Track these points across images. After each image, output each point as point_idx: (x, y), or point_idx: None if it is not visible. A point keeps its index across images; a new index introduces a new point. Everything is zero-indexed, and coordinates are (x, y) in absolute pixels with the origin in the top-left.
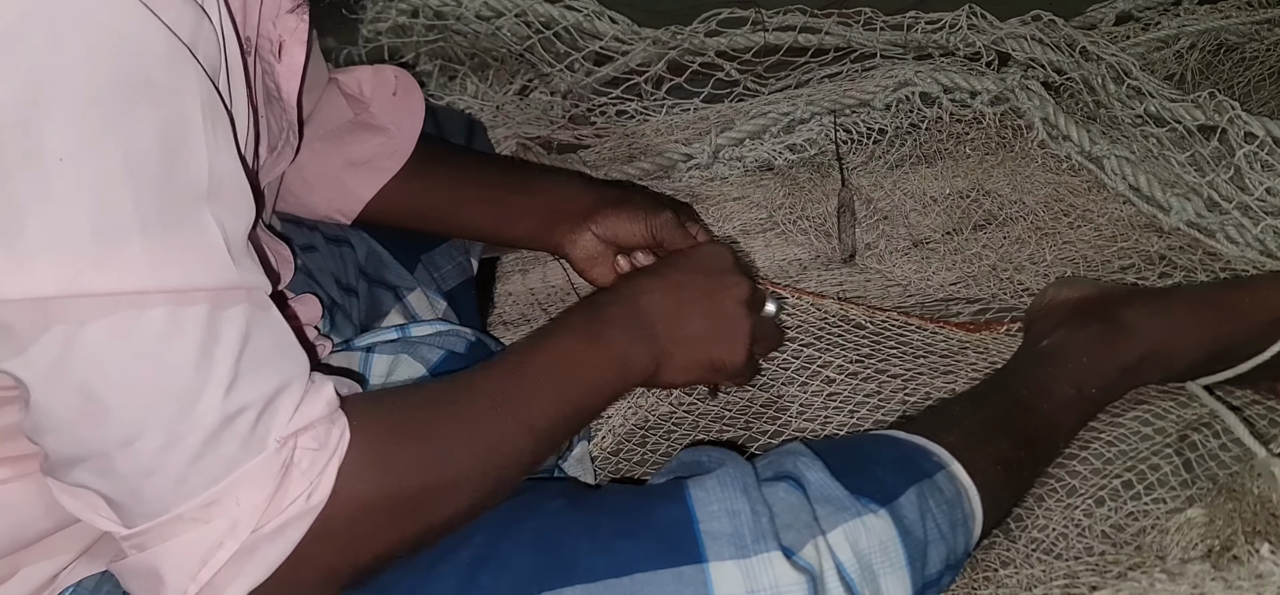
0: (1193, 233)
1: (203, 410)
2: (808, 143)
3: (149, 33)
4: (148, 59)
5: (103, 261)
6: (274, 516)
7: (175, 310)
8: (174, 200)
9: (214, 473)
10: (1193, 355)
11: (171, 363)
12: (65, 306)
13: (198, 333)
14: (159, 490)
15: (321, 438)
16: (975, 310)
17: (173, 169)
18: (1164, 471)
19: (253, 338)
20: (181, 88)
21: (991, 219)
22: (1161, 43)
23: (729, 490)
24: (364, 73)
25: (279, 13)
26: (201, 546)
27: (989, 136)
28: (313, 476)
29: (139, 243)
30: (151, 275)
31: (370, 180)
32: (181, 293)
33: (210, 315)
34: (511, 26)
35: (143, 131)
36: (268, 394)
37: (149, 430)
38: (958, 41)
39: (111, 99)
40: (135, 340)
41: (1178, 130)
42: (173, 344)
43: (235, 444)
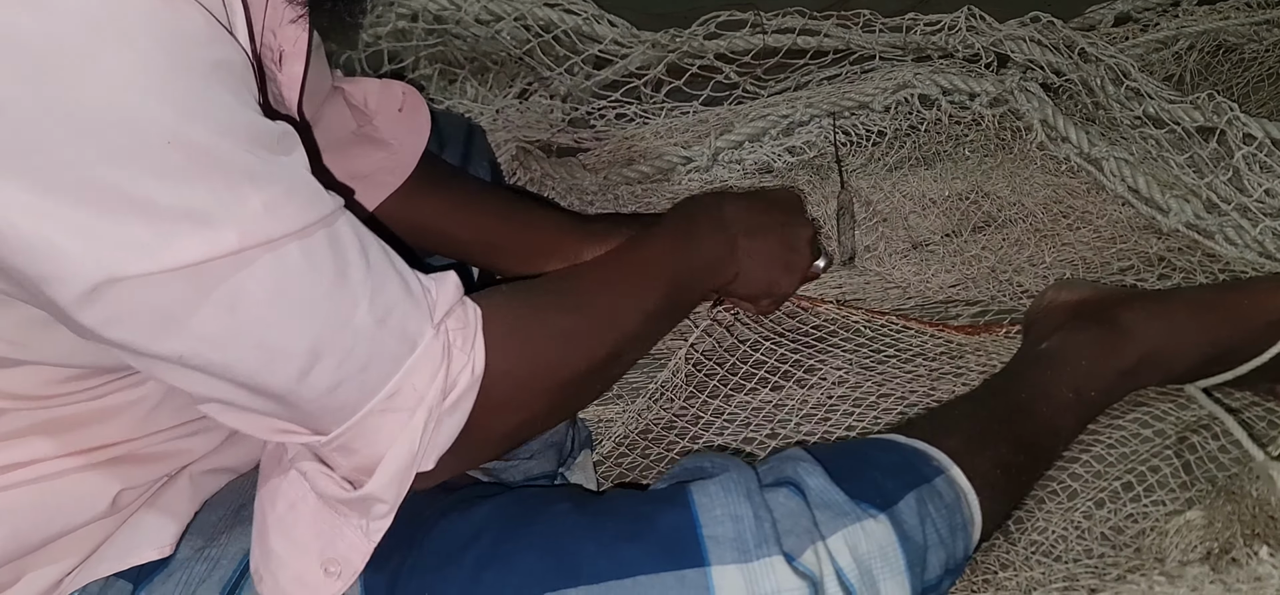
0: (1192, 234)
1: (360, 321)
2: (807, 145)
3: (196, 19)
4: (204, 42)
5: (233, 221)
6: (450, 392)
7: (306, 244)
8: (264, 154)
9: (386, 370)
10: (1192, 358)
11: (320, 291)
12: (215, 269)
13: (329, 258)
14: (345, 401)
15: (463, 318)
16: (975, 312)
17: (252, 128)
18: (1163, 474)
19: (368, 247)
20: (232, 61)
21: (991, 221)
22: (1160, 44)
23: (732, 495)
24: (371, 85)
25: (281, 22)
26: (407, 431)
27: (988, 138)
28: (468, 350)
29: (255, 196)
30: (275, 222)
31: (369, 195)
32: (303, 230)
33: (330, 240)
34: (511, 30)
35: (221, 102)
36: (404, 290)
37: (323, 356)
38: (956, 43)
39: (188, 81)
40: (285, 284)
41: (1176, 132)
42: (315, 275)
43: (395, 339)
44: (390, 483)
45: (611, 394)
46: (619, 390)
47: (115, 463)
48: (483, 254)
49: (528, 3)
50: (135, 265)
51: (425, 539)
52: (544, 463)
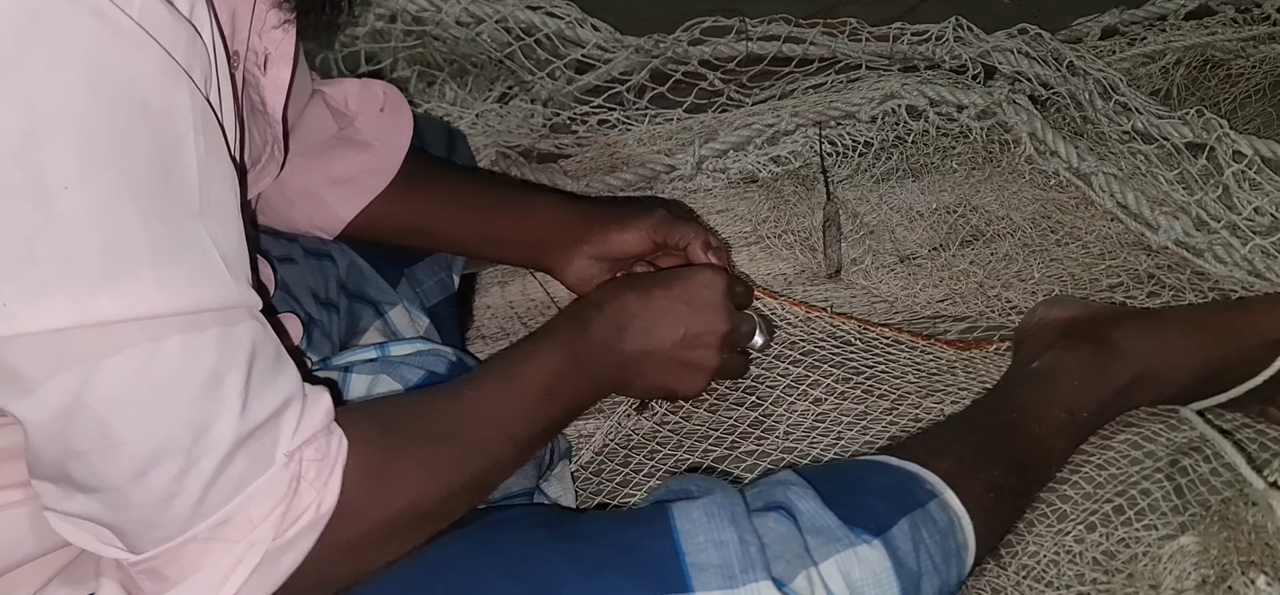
0: (1181, 251)
1: (218, 434)
2: (792, 155)
3: (143, 56)
4: (143, 83)
5: (116, 287)
6: (289, 528)
7: (188, 337)
8: (175, 220)
9: (227, 493)
10: (1185, 378)
11: (187, 392)
12: (81, 338)
13: (210, 358)
14: (174, 516)
15: (323, 448)
16: (963, 327)
17: (169, 189)
18: (1155, 497)
19: (258, 357)
20: (174, 107)
21: (979, 235)
22: (1147, 58)
23: (716, 520)
24: (351, 86)
25: (265, 27)
26: (224, 564)
27: (976, 151)
28: (319, 486)
29: (149, 265)
30: (163, 298)
31: (353, 199)
32: (193, 315)
33: (220, 339)
34: (491, 33)
35: (141, 154)
36: (275, 410)
37: (166, 459)
38: (944, 54)
39: (110, 125)
40: (152, 374)
41: (1166, 147)
42: (188, 373)
43: (246, 462)
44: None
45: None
46: (601, 404)
47: None
48: (480, 248)
49: (509, 5)
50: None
51: (396, 567)
52: (522, 478)
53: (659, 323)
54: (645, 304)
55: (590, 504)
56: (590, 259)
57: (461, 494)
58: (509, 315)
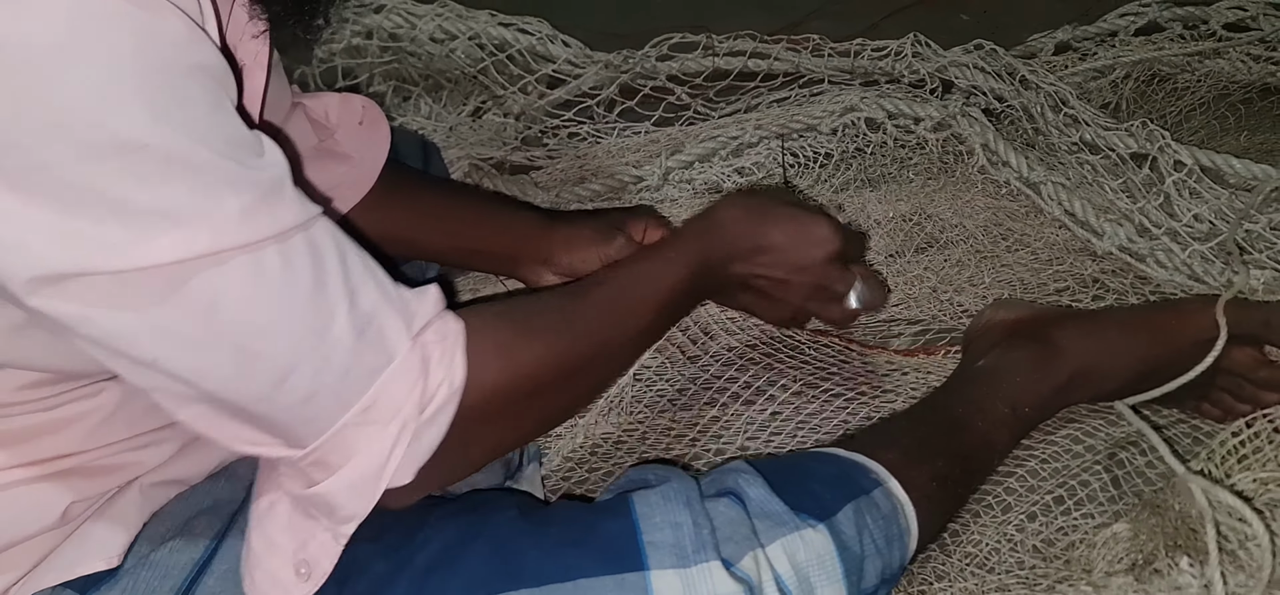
0: (1125, 257)
1: (337, 330)
2: (756, 166)
3: (174, 23)
4: (181, 45)
5: (209, 223)
6: (428, 405)
7: (282, 250)
8: (241, 155)
9: (363, 380)
10: (1122, 375)
11: (298, 298)
12: (190, 270)
13: (308, 262)
14: (320, 410)
15: (442, 331)
16: (916, 331)
17: (227, 131)
18: (1093, 488)
19: (346, 255)
20: (208, 64)
21: (933, 242)
22: (1098, 72)
23: (672, 503)
24: (331, 99)
25: (242, 37)
26: (382, 444)
27: (931, 162)
28: (447, 365)
29: (232, 200)
30: (252, 226)
31: (332, 208)
32: (280, 235)
33: (308, 246)
34: (465, 49)
35: (197, 105)
36: (381, 298)
37: (299, 364)
38: (902, 69)
39: (163, 83)
40: (262, 288)
41: (1111, 158)
42: (292, 281)
43: (372, 350)
44: (347, 489)
45: None
46: None
47: (67, 474)
48: (456, 258)
49: (482, 22)
50: (108, 262)
51: (373, 542)
52: (490, 476)
53: (771, 246)
54: (763, 223)
55: None
56: (561, 273)
57: (576, 376)
58: None
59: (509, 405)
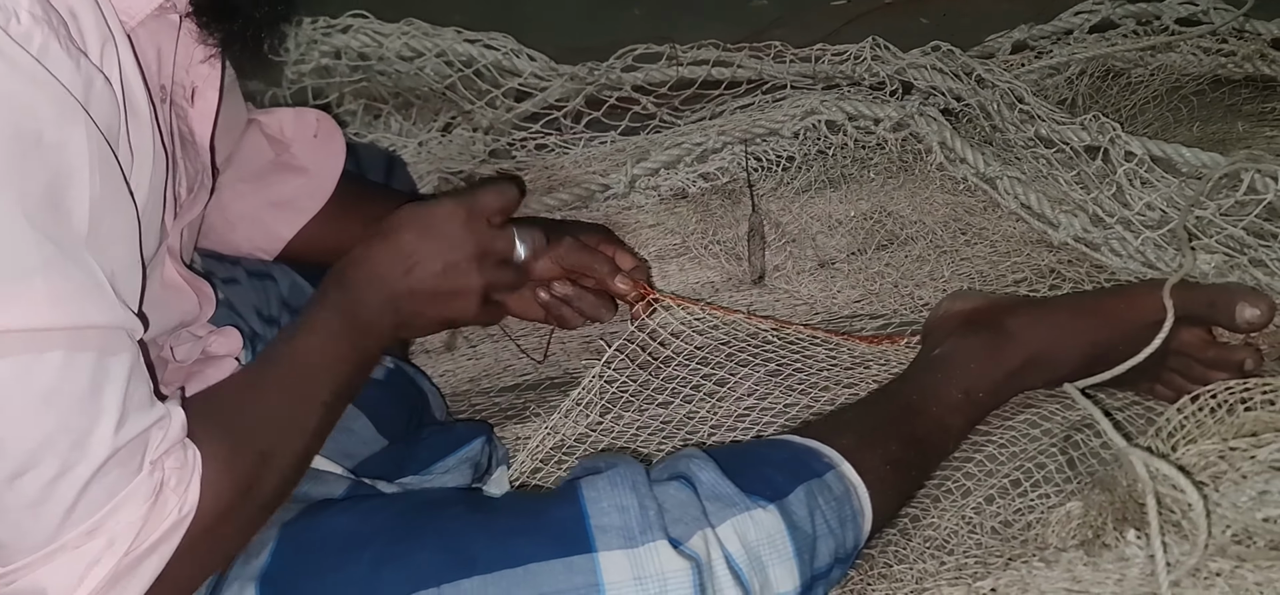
0: (1080, 246)
1: (96, 443)
2: (720, 171)
3: (41, 93)
4: (39, 118)
5: (11, 298)
6: (151, 533)
7: (71, 350)
8: (66, 242)
9: (98, 501)
10: (1074, 359)
11: (68, 399)
12: None
13: (89, 371)
14: (45, 522)
15: (181, 457)
16: (878, 325)
17: (60, 215)
18: (1049, 469)
19: (134, 375)
20: (68, 142)
21: (893, 239)
22: (1053, 69)
23: (619, 488)
24: (285, 115)
25: (192, 61)
26: (81, 564)
27: (891, 161)
28: (181, 492)
29: (40, 281)
30: (52, 312)
31: (291, 220)
32: (78, 331)
33: (101, 354)
34: (433, 66)
35: (35, 181)
36: (148, 425)
37: (42, 463)
38: (863, 72)
39: (7, 152)
40: (35, 379)
41: (1065, 151)
42: (69, 382)
43: (117, 472)
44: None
45: (529, 412)
46: (536, 408)
47: None
48: None
49: (449, 39)
50: None
51: (323, 542)
52: (459, 477)
53: (411, 261)
54: (394, 248)
55: None
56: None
57: (293, 474)
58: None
59: (234, 517)
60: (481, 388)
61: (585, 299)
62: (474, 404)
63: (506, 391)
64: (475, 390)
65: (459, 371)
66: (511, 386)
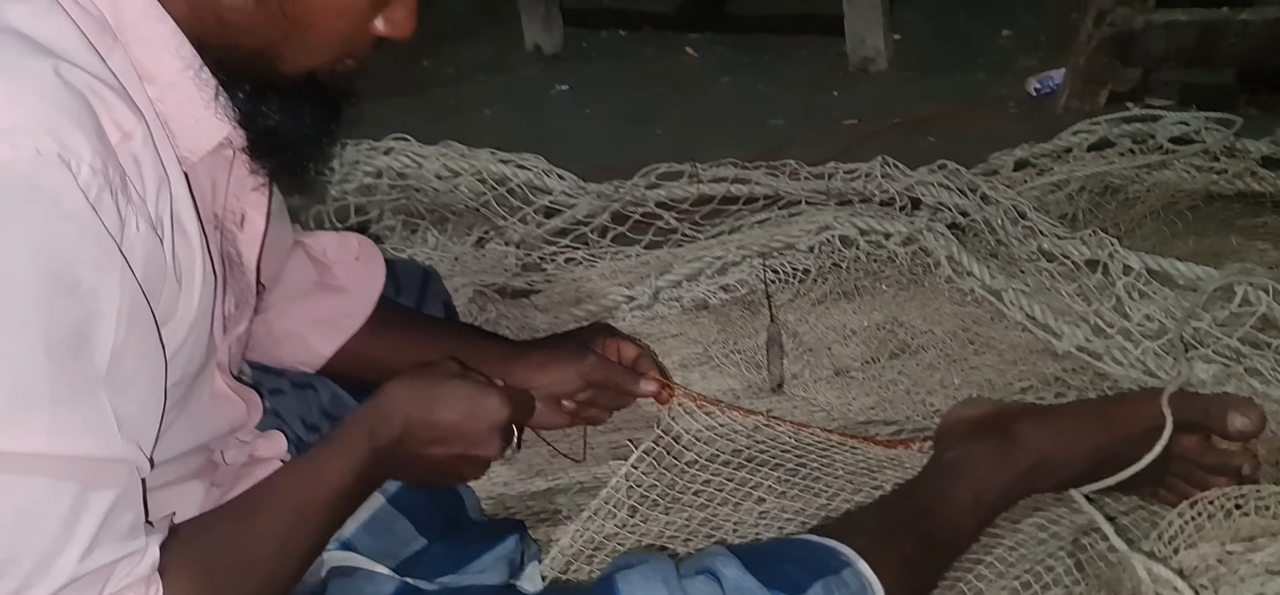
0: (1083, 356)
1: (59, 567)
2: (739, 283)
3: (85, 241)
4: (79, 264)
5: (12, 424)
6: None
7: (55, 480)
8: (80, 380)
9: None
10: (1080, 464)
11: (42, 523)
12: None
13: (70, 500)
14: None
15: (141, 593)
16: (892, 431)
17: (80, 353)
18: (1057, 571)
19: (116, 510)
20: (101, 289)
21: (905, 348)
22: (1055, 186)
23: (651, 582)
24: (328, 238)
25: (243, 189)
26: None
27: (902, 273)
28: None
29: (45, 412)
30: (48, 441)
31: (332, 337)
32: (70, 461)
33: (83, 487)
34: (469, 184)
35: (63, 320)
36: (115, 559)
37: (4, 576)
38: (873, 189)
39: (42, 291)
40: (14, 499)
41: (1067, 264)
42: (47, 506)
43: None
44: None
45: (560, 512)
46: (567, 510)
47: None
48: None
49: (484, 159)
50: None
51: None
52: (495, 575)
53: (439, 442)
54: (431, 424)
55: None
56: (540, 396)
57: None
58: None
59: None
60: (515, 490)
61: (607, 394)
62: (507, 505)
63: (538, 495)
64: (508, 492)
65: (493, 473)
66: (543, 489)
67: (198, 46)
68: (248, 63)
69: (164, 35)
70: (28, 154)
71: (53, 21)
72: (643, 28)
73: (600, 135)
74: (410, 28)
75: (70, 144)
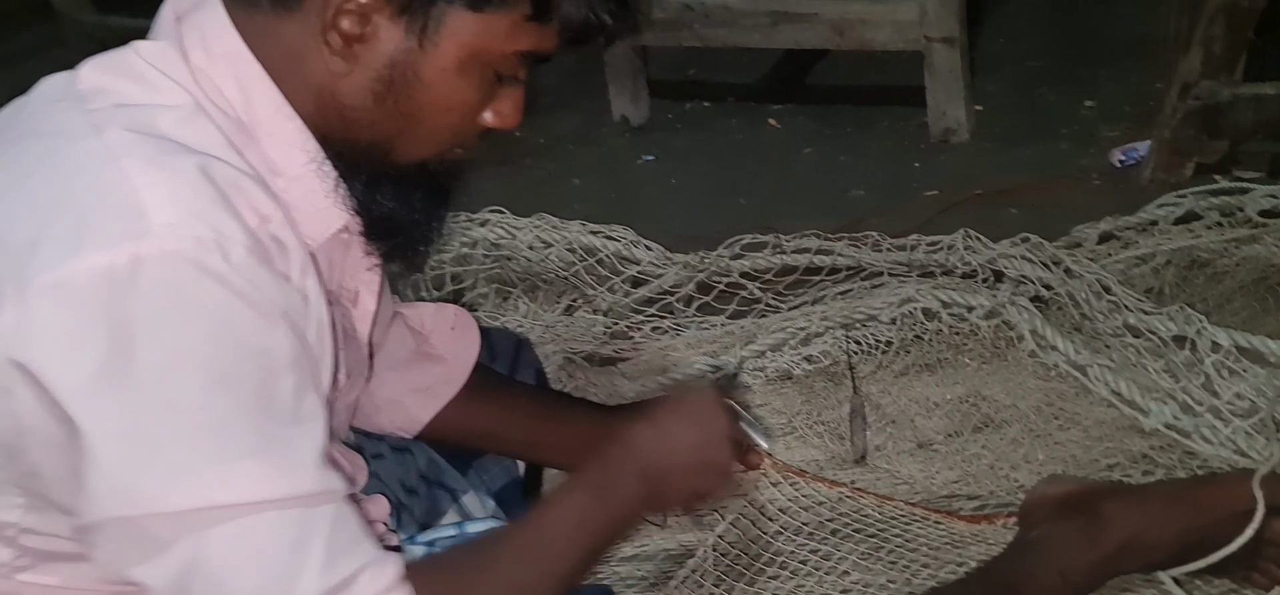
0: (1171, 434)
1: (304, 585)
2: (822, 354)
3: (251, 310)
4: (248, 328)
5: (227, 480)
6: None
7: (282, 513)
8: (274, 429)
9: None
10: (1168, 545)
11: (278, 553)
12: (203, 515)
13: (295, 529)
14: None
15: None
16: (975, 506)
17: (269, 406)
18: None
19: (338, 528)
20: (273, 346)
21: (989, 422)
22: (1140, 259)
23: None
24: (427, 309)
25: (358, 269)
26: None
27: (985, 347)
28: None
29: (252, 463)
30: (263, 486)
31: (429, 404)
32: (285, 498)
33: (305, 514)
34: (559, 254)
35: (248, 382)
36: (354, 571)
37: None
38: (955, 261)
39: (225, 362)
40: (250, 539)
41: (1153, 340)
42: (279, 538)
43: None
44: None
45: (646, 581)
46: (653, 577)
47: None
48: (526, 451)
49: (574, 230)
50: (139, 506)
51: None
52: None
53: (671, 438)
54: (651, 426)
55: None
56: None
57: None
58: None
59: None
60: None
61: None
62: (594, 572)
63: (624, 560)
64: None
65: None
66: (630, 556)
67: (320, 141)
68: (365, 155)
69: (291, 132)
70: (191, 243)
71: (195, 124)
72: (726, 99)
73: (685, 204)
74: (516, 119)
75: (224, 230)
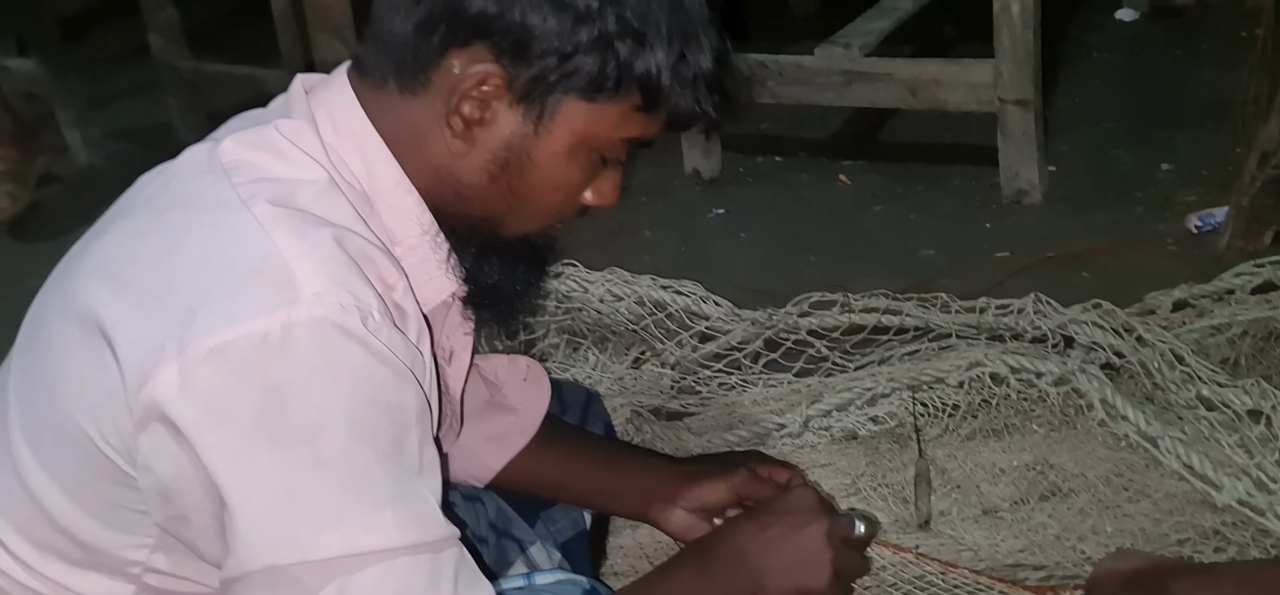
0: (1244, 510)
1: None
2: (888, 415)
3: (388, 368)
4: (386, 387)
5: (370, 528)
6: None
7: (415, 558)
8: (405, 480)
9: None
10: None
11: (415, 591)
12: (347, 561)
13: (427, 572)
14: None
15: None
16: (1041, 577)
17: (401, 458)
18: None
19: (462, 570)
20: (405, 403)
21: (1056, 491)
22: (1215, 329)
23: None
24: (500, 360)
25: (455, 330)
26: None
27: (1053, 414)
28: None
29: (390, 511)
30: (398, 534)
31: (501, 453)
32: (418, 546)
33: (435, 559)
34: (629, 307)
35: (383, 436)
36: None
37: None
38: (1025, 325)
39: (365, 417)
40: (389, 583)
41: (1228, 413)
42: (414, 581)
43: None
44: None
45: None
46: None
47: None
48: (595, 500)
49: (645, 285)
50: (289, 555)
51: None
52: None
53: (768, 531)
54: (755, 521)
55: None
56: (686, 511)
57: None
58: (639, 555)
59: None
60: None
61: None
62: None
63: None
64: None
65: None
66: None
67: (434, 214)
68: (476, 229)
69: (409, 205)
70: (336, 309)
71: (330, 199)
72: (798, 153)
73: (754, 259)
74: (614, 199)
75: (361, 296)
